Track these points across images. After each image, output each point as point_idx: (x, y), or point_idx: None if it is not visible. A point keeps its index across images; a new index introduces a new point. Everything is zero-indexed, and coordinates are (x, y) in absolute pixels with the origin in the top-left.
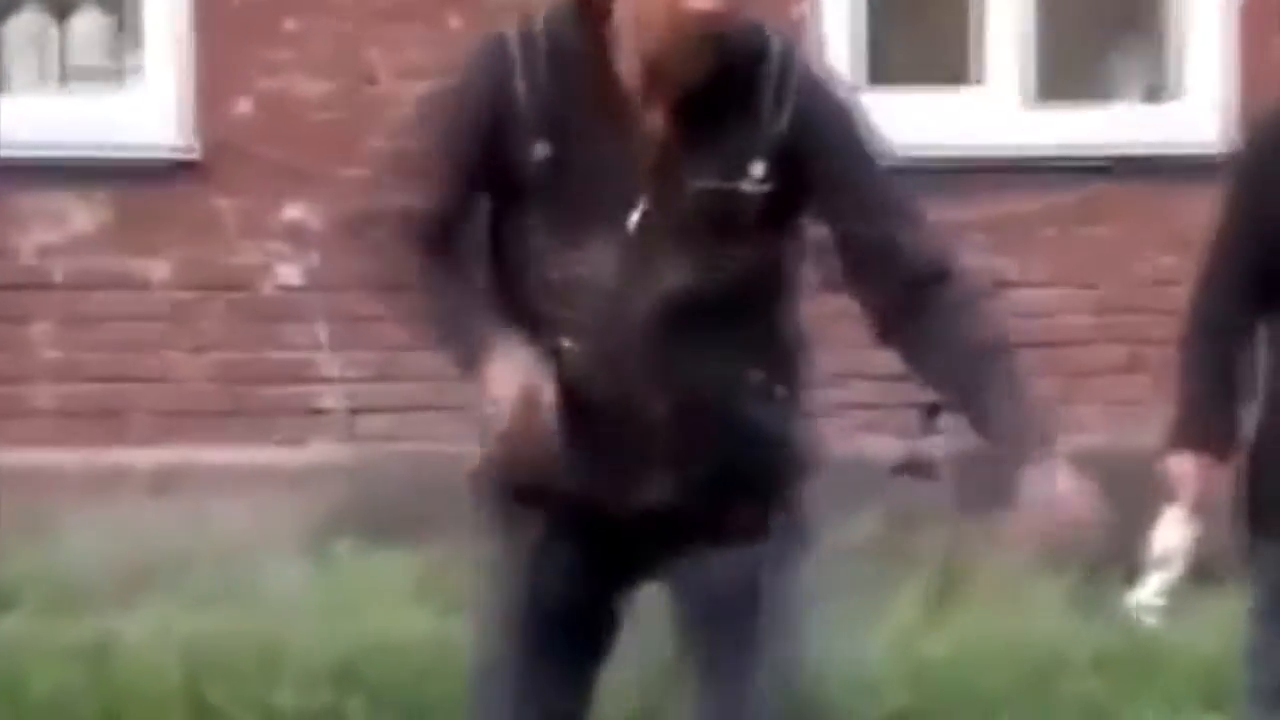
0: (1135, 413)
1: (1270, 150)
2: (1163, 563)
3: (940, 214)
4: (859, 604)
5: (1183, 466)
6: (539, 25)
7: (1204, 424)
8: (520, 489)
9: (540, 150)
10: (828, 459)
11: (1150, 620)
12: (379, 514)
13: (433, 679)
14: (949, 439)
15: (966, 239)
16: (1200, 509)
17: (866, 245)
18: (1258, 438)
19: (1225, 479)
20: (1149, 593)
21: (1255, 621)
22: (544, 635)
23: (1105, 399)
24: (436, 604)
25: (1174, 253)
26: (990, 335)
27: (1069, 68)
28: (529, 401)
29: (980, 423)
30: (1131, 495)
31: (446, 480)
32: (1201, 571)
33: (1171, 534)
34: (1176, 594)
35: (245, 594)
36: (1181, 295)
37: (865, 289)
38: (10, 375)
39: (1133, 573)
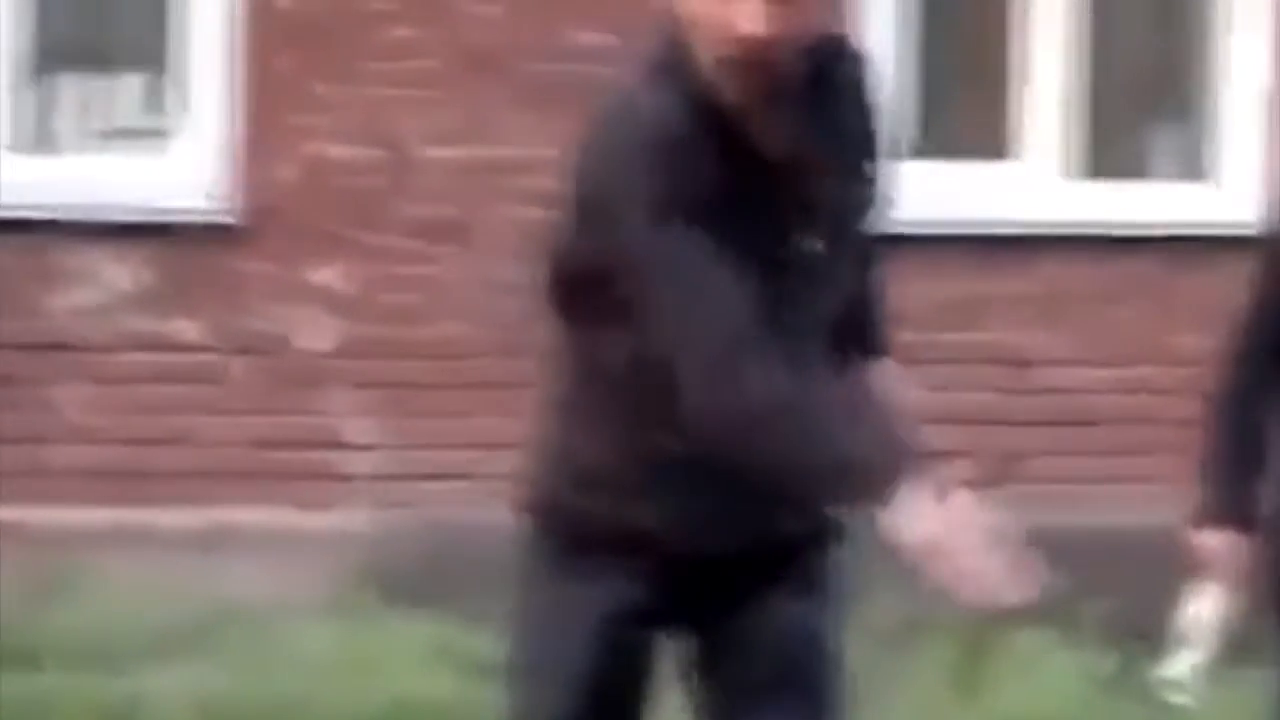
0: (1164, 492)
1: None
2: (1192, 640)
3: (973, 286)
4: (884, 679)
5: (1211, 542)
6: (653, 107)
7: (1230, 500)
8: (588, 532)
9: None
10: (857, 530)
11: (1179, 699)
12: (402, 578)
13: None
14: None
15: (1000, 312)
16: (1230, 585)
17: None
18: (1275, 516)
19: (1251, 555)
20: (1177, 670)
21: (1275, 704)
22: (606, 688)
23: (1135, 478)
24: (458, 667)
25: (1204, 330)
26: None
27: (1106, 144)
28: None
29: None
30: (1160, 573)
31: (469, 546)
32: (1232, 649)
33: (1201, 611)
34: (1207, 672)
35: (270, 655)
36: (1211, 375)
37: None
38: (40, 435)
39: (1161, 649)
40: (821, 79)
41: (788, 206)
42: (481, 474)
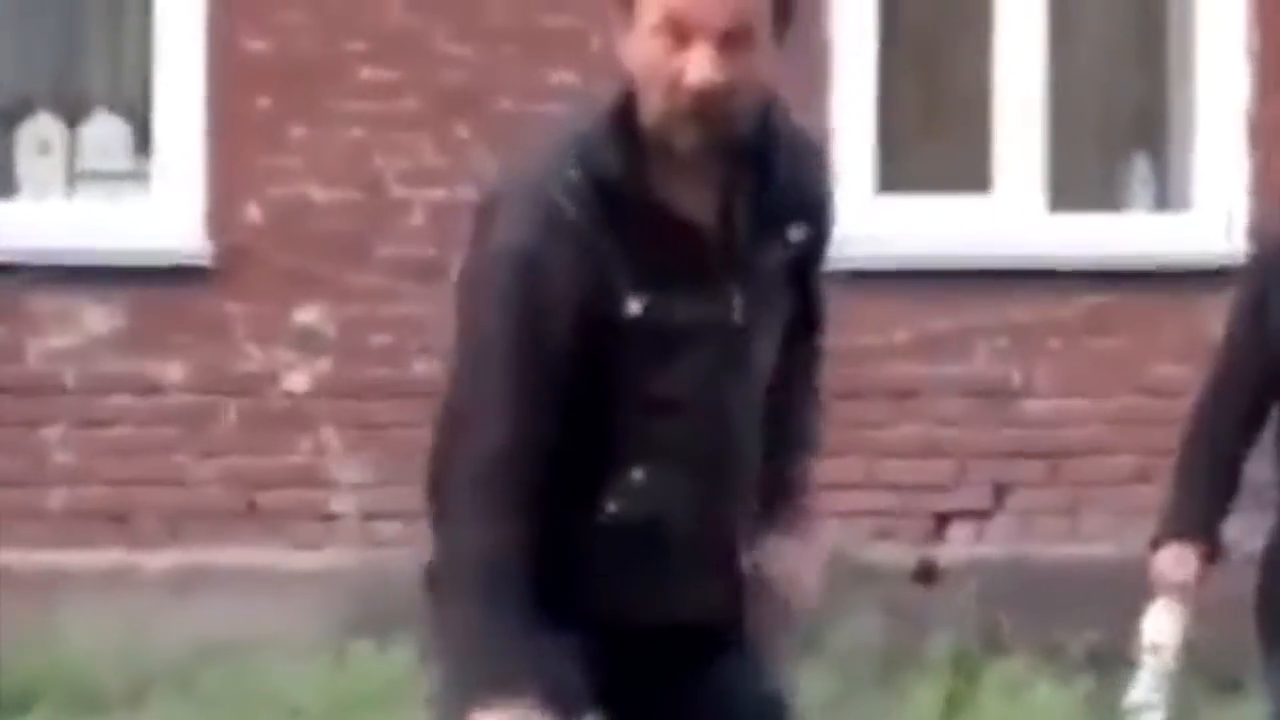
0: (1144, 524)
1: (1276, 260)
2: (1153, 657)
3: (954, 319)
4: (870, 710)
5: (1166, 559)
6: (573, 172)
7: (1188, 519)
8: (564, 588)
9: (634, 305)
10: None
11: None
12: (390, 617)
13: None
14: (959, 546)
15: (981, 345)
16: (1184, 602)
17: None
18: (1270, 549)
19: (1210, 575)
20: (1142, 690)
21: None
22: None
23: (1113, 510)
24: None
25: (1183, 363)
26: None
27: (1084, 177)
28: None
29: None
30: (1140, 604)
31: None
32: (1219, 679)
33: (1159, 626)
34: (1169, 692)
35: (257, 696)
36: (1190, 406)
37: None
38: (22, 478)
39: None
40: (761, 140)
41: (714, 278)
42: None
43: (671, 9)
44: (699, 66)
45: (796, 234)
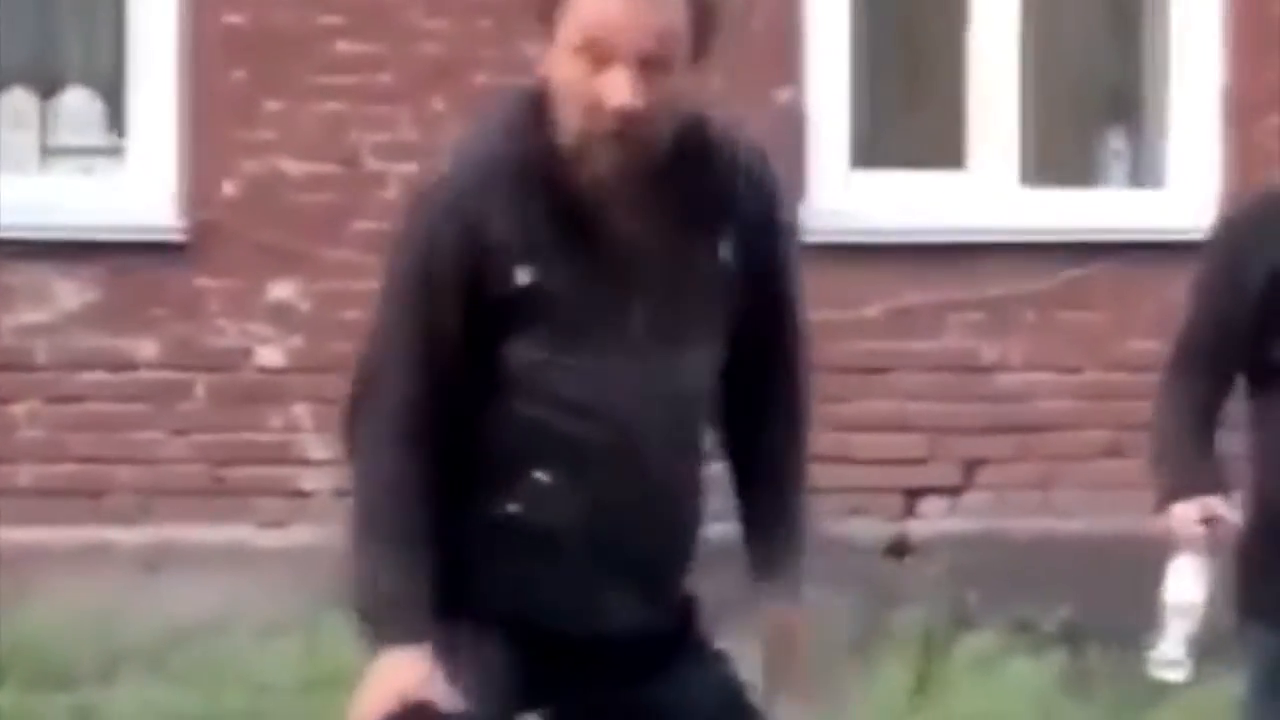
0: (1117, 497)
1: (1244, 234)
2: (1180, 614)
3: (928, 294)
4: (843, 684)
5: (1187, 512)
6: (489, 144)
7: (1194, 472)
8: (464, 584)
9: (522, 276)
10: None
11: (1174, 677)
12: None
13: None
14: (931, 521)
15: (953, 320)
16: (1210, 554)
17: (757, 386)
18: (1247, 524)
19: (1225, 525)
20: (1170, 647)
21: (1250, 704)
22: None
23: (1087, 483)
24: None
25: (1156, 337)
26: (795, 483)
27: (1058, 151)
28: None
29: (750, 547)
30: (1117, 579)
31: None
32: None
33: (1185, 585)
34: (1197, 646)
35: (227, 672)
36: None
37: (736, 418)
38: None
39: (1146, 634)
40: (685, 159)
41: (621, 277)
42: None
43: (591, 32)
44: (618, 90)
45: (726, 251)
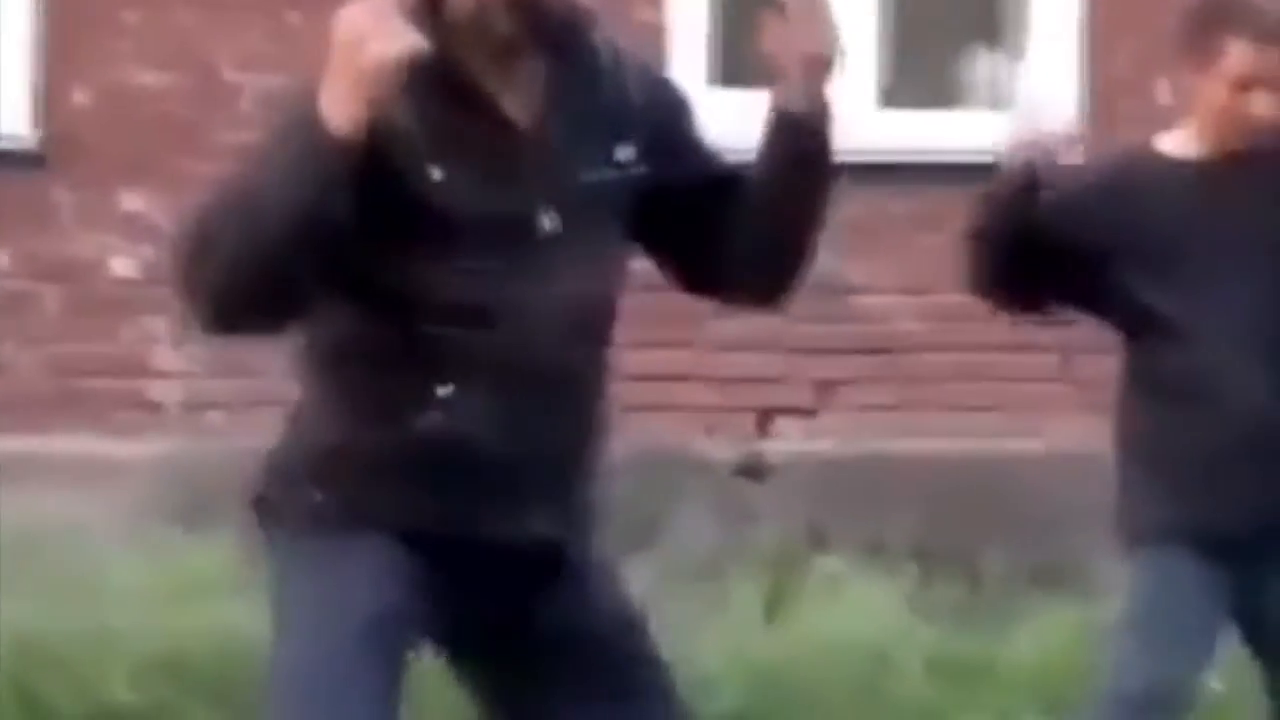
0: (973, 420)
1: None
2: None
3: None
4: (694, 604)
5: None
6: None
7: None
8: (368, 500)
9: (436, 173)
10: (666, 460)
11: None
12: (212, 507)
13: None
14: (786, 442)
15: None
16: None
17: (717, 199)
18: (1123, 451)
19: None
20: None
21: (1126, 628)
22: (375, 647)
23: (943, 405)
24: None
25: None
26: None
27: (917, 73)
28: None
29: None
30: (969, 500)
31: None
32: (1040, 581)
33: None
34: None
35: (76, 585)
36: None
37: (711, 251)
38: None
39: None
40: (574, 49)
41: (522, 177)
42: (293, 401)
43: None
44: None
45: (625, 153)
